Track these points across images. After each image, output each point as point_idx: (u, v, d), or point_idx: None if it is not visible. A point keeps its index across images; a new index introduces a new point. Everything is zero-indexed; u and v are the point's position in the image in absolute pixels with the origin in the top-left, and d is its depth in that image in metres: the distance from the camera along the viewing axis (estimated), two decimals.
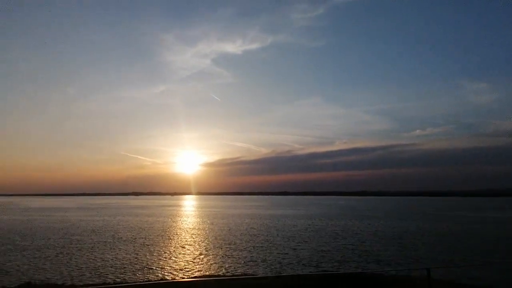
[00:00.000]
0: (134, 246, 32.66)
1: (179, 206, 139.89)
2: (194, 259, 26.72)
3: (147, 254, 28.68)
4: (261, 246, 32.08)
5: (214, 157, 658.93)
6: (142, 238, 38.69)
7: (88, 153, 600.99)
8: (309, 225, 53.54)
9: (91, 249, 31.02)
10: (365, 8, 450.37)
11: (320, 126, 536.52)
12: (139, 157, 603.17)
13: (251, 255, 27.88)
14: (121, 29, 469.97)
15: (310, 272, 21.65)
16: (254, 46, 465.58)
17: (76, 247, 32.08)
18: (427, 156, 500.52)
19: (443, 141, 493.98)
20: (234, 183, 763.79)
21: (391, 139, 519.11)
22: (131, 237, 39.17)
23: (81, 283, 18.87)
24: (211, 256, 27.57)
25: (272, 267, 23.38)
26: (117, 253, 28.75)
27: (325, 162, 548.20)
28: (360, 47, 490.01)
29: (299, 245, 32.57)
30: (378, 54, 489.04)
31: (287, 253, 28.38)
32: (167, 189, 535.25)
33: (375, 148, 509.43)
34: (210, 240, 37.08)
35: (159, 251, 30.25)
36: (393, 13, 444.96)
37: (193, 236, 40.86)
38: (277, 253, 28.68)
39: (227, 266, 23.94)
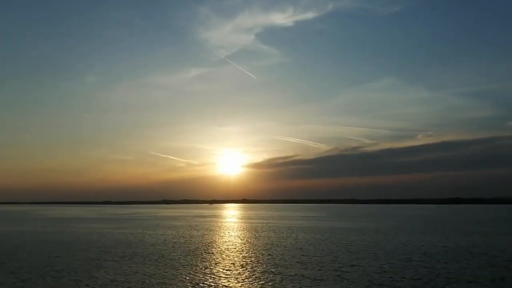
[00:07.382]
0: (157, 267, 32.42)
1: (219, 217, 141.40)
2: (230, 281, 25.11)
3: (178, 276, 28.05)
4: (309, 268, 29.78)
5: (261, 156, 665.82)
6: (170, 257, 38.46)
7: (111, 153, 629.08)
8: (373, 242, 50.27)
9: (99, 267, 30.96)
10: None
11: (397, 115, 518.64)
12: (170, 157, 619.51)
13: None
14: (146, 1, 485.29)
15: None
16: (309, 15, 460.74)
17: (89, 265, 31.92)
18: None
19: None
20: (287, 188, 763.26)
21: (493, 130, 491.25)
22: (156, 255, 39.01)
23: None
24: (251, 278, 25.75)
25: None
26: (137, 274, 27.97)
27: (404, 160, 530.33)
28: (452, 7, 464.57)
29: (350, 268, 29.87)
30: (475, 16, 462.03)
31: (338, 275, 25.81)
32: (205, 196, 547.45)
33: (471, 142, 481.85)
34: (253, 260, 35.61)
35: (191, 272, 29.92)
36: None
37: (233, 254, 40.26)
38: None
39: None
